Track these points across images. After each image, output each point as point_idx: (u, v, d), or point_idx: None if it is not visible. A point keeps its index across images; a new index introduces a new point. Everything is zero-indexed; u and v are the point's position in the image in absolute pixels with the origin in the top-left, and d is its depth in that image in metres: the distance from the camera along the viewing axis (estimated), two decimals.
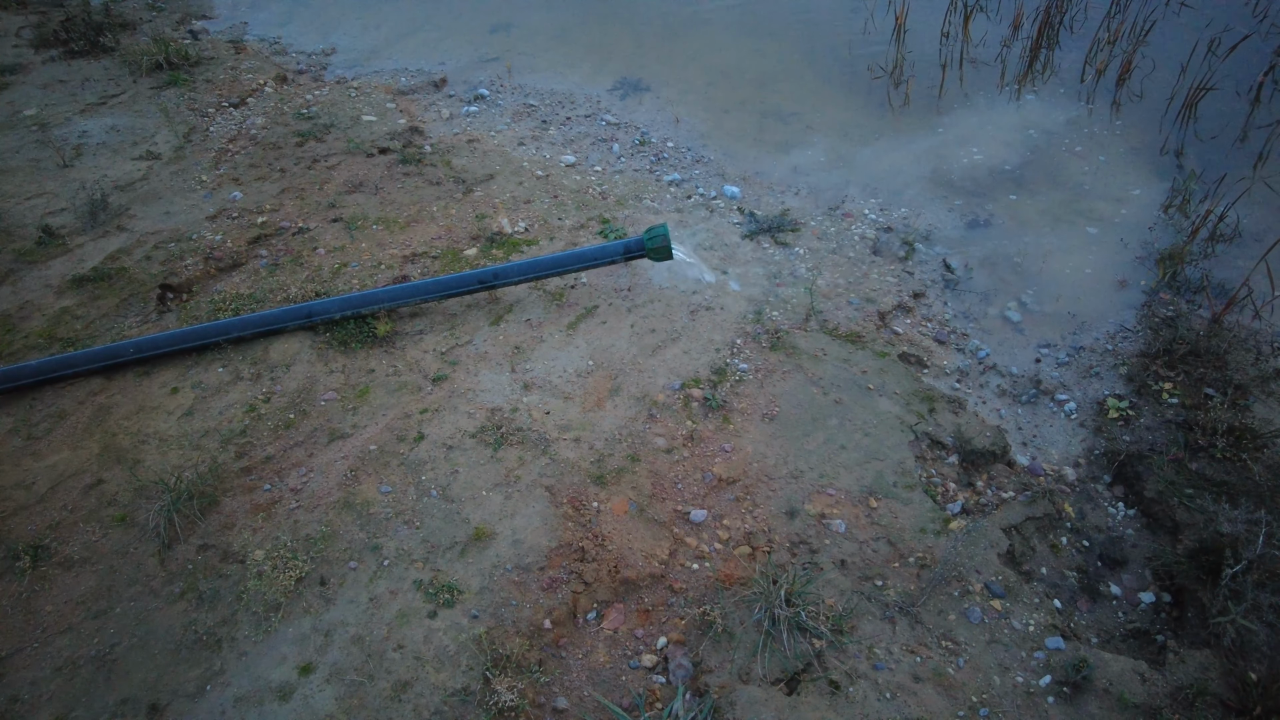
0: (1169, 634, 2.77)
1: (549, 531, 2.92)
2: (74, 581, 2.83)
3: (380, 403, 3.44)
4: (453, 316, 3.86)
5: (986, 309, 4.04)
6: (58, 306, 3.93)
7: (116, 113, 5.43)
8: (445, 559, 2.84)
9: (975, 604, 2.76)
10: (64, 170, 4.86)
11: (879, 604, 2.76)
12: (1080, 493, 3.25)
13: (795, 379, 3.52)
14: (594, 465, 3.15)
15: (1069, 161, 4.81)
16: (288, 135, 5.22)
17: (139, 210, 4.55)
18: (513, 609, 2.71)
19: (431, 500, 3.03)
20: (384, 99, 5.64)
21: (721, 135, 5.26)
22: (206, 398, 3.48)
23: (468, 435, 3.27)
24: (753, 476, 3.14)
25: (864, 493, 3.08)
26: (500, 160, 5.01)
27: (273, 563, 2.84)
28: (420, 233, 4.37)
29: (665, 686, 2.57)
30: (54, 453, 3.27)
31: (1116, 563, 3.03)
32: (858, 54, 5.85)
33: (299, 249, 4.27)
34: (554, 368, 3.58)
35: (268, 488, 3.11)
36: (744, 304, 3.90)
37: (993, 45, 5.78)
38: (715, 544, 2.93)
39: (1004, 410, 3.59)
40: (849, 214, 4.56)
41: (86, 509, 3.06)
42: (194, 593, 2.78)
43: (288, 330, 3.71)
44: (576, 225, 4.43)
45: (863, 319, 3.87)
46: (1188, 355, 3.61)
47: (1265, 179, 4.41)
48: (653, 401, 3.41)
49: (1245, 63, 5.11)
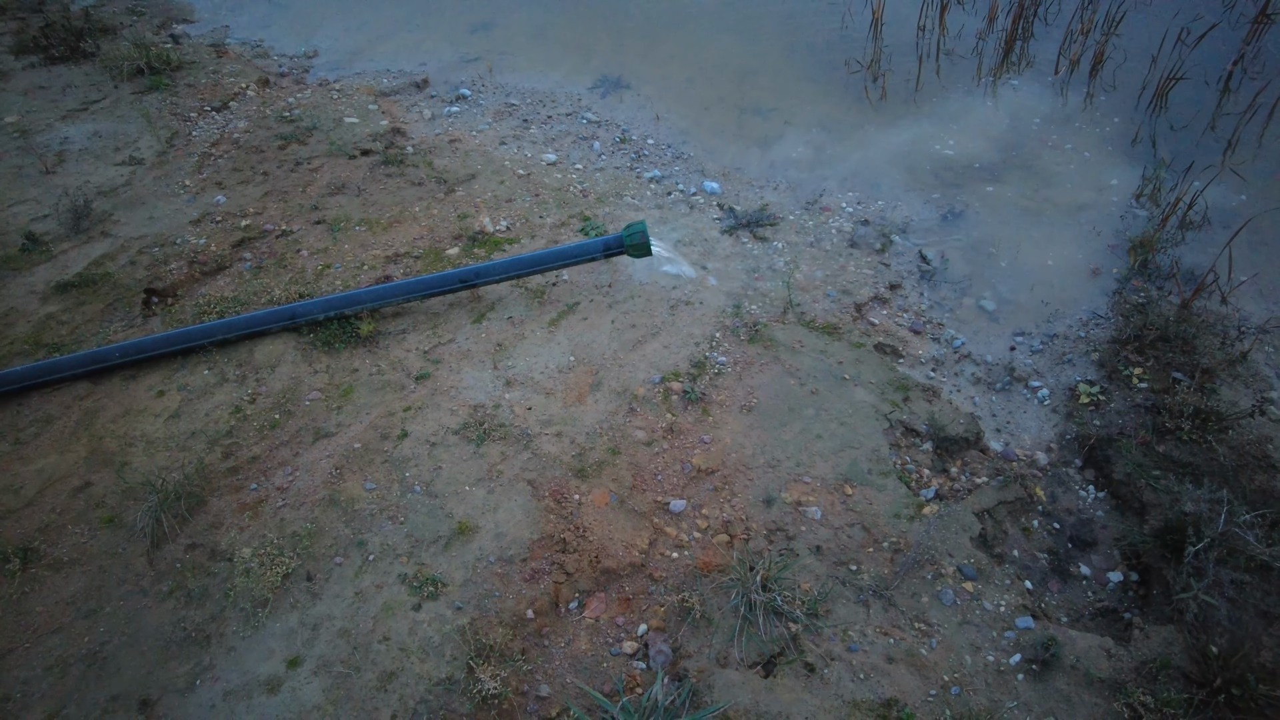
0: (1136, 611, 2.85)
1: (531, 524, 2.97)
2: (64, 582, 2.88)
3: (364, 401, 3.49)
4: (435, 315, 3.91)
5: (962, 299, 4.11)
6: (43, 313, 3.96)
7: (98, 118, 5.45)
8: (429, 553, 2.90)
9: (948, 586, 2.83)
10: (46, 177, 4.88)
11: (853, 588, 2.83)
12: (1052, 477, 3.33)
13: (773, 370, 3.58)
14: (575, 459, 3.21)
15: (1043, 152, 4.88)
16: (270, 138, 5.24)
17: (123, 215, 4.58)
18: (496, 600, 2.77)
19: (415, 496, 3.09)
20: (366, 100, 5.67)
21: (701, 132, 5.32)
22: (193, 400, 3.53)
23: (451, 432, 3.32)
24: (731, 466, 3.20)
25: (839, 480, 3.15)
26: (482, 160, 5.05)
27: (260, 560, 2.89)
28: (403, 233, 4.41)
29: (645, 672, 2.64)
30: (42, 457, 3.31)
31: (1086, 544, 3.11)
32: (836, 49, 5.91)
33: (283, 251, 4.30)
34: (536, 364, 3.63)
35: (254, 487, 3.16)
36: (723, 298, 3.96)
37: (969, 38, 5.85)
38: (694, 533, 3.00)
39: (978, 398, 3.66)
40: (827, 208, 4.63)
41: (75, 511, 3.10)
42: (182, 591, 2.83)
43: (272, 332, 3.75)
44: (558, 223, 4.48)
45: (840, 311, 3.94)
46: (1157, 340, 3.69)
47: (1233, 166, 4.49)
48: (633, 395, 3.47)
49: (1214, 52, 5.20)
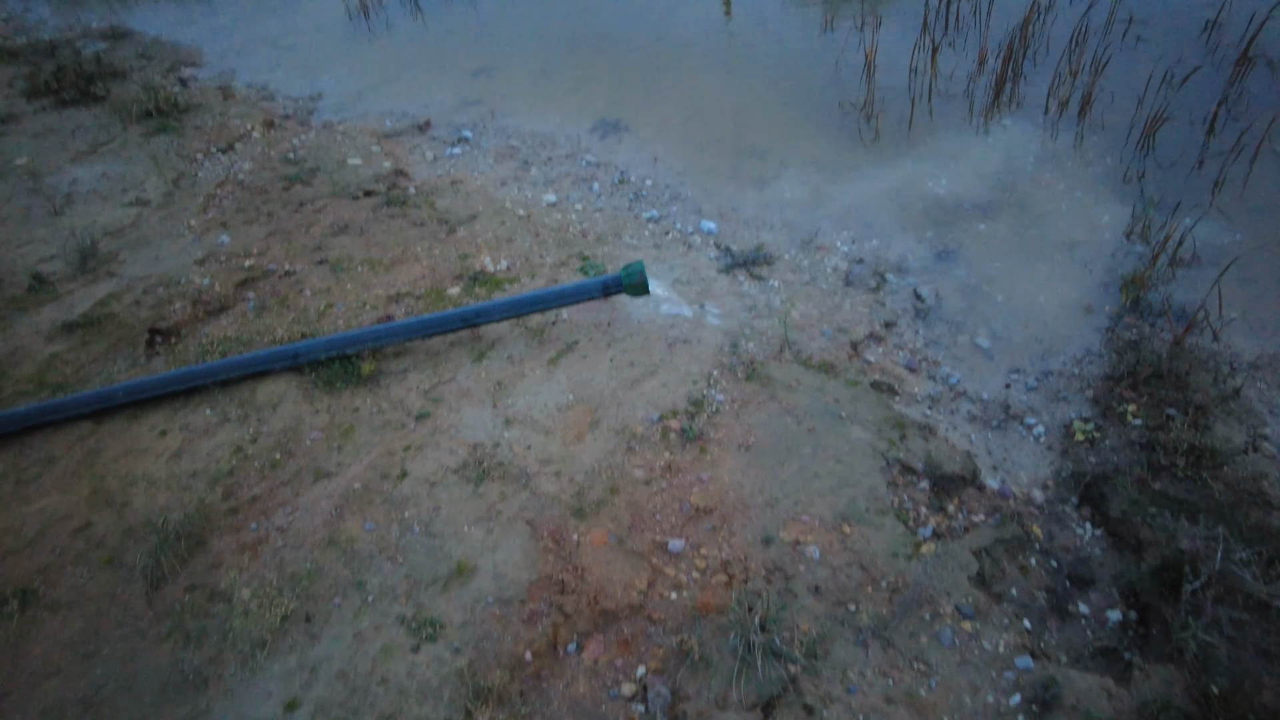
0: (1135, 651, 2.84)
1: (530, 565, 2.98)
2: (62, 624, 2.88)
3: (364, 441, 3.51)
4: (436, 354, 3.95)
5: (957, 336, 4.16)
6: (48, 352, 4.00)
7: (107, 160, 5.56)
8: (428, 594, 2.90)
9: (946, 626, 2.83)
10: (55, 218, 4.96)
11: (852, 628, 2.83)
12: (1048, 514, 3.34)
13: (770, 409, 3.61)
14: (574, 498, 3.23)
15: (1035, 191, 4.96)
16: (275, 179, 5.34)
17: (128, 256, 4.65)
18: (494, 642, 2.76)
19: (414, 536, 3.10)
20: (369, 142, 5.78)
21: (698, 172, 5.42)
22: (194, 439, 3.55)
23: (450, 471, 3.35)
24: (729, 505, 3.22)
25: (837, 519, 3.16)
26: (483, 201, 5.14)
27: (259, 601, 2.90)
28: (405, 273, 4.47)
29: (645, 715, 2.63)
30: (43, 497, 3.33)
31: (1084, 582, 3.11)
32: (829, 91, 6.04)
33: (286, 291, 4.36)
34: (535, 403, 3.66)
35: (254, 527, 3.18)
36: (720, 336, 4.01)
37: (960, 79, 5.98)
38: (693, 573, 3.00)
39: (974, 435, 3.68)
40: (822, 247, 4.70)
41: (75, 552, 3.11)
42: (181, 632, 2.83)
43: (274, 371, 3.80)
44: (557, 263, 4.55)
45: (836, 349, 3.98)
46: (1151, 377, 3.72)
47: (1220, 206, 4.57)
48: (632, 434, 3.50)
49: (1199, 93, 5.31)
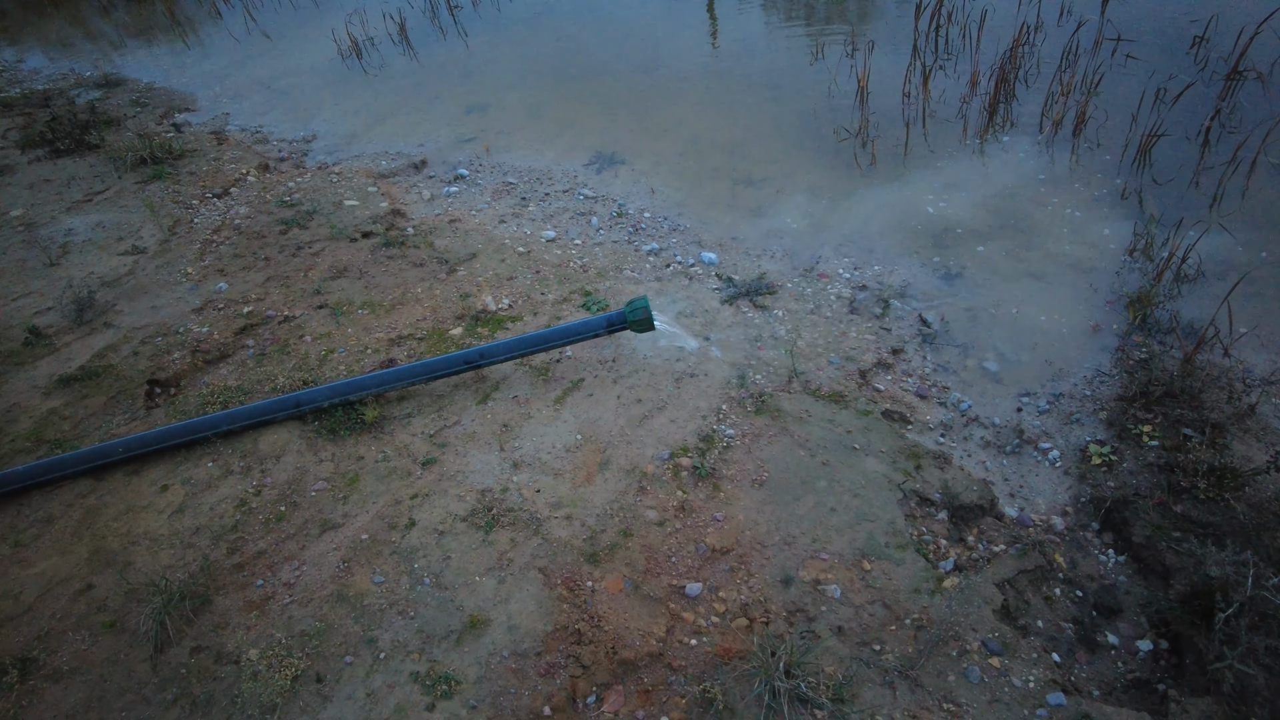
0: (1169, 682, 2.77)
1: (544, 615, 2.91)
2: (63, 694, 2.79)
3: (370, 490, 3.44)
4: (440, 397, 3.90)
5: (965, 361, 4.12)
6: (45, 408, 3.94)
7: (102, 209, 5.53)
8: (441, 649, 2.82)
9: (974, 663, 2.76)
10: (50, 269, 4.92)
11: (878, 669, 2.75)
12: (1070, 541, 3.28)
13: (782, 442, 3.56)
14: (587, 543, 3.16)
15: (1033, 211, 4.96)
16: (271, 223, 5.32)
17: (125, 306, 4.61)
18: (511, 697, 2.68)
19: (425, 589, 3.02)
20: (365, 183, 5.77)
21: (696, 203, 5.41)
22: (197, 494, 3.48)
23: (459, 519, 3.28)
24: (746, 545, 3.15)
25: (857, 555, 3.10)
26: (482, 239, 5.12)
27: (268, 662, 2.81)
28: (405, 315, 4.43)
29: None
30: (42, 559, 3.25)
31: (1111, 611, 3.04)
32: (823, 118, 6.06)
33: (285, 337, 4.31)
34: (543, 444, 3.61)
35: (260, 583, 3.10)
36: (727, 369, 3.97)
37: (953, 103, 6.01)
38: (712, 617, 2.93)
39: (989, 462, 3.63)
40: (824, 274, 4.67)
41: (76, 616, 3.03)
42: (187, 698, 2.74)
43: (277, 421, 3.73)
44: (559, 299, 4.51)
45: (844, 378, 3.94)
46: (1164, 396, 3.68)
47: (1220, 220, 4.56)
48: (642, 473, 3.44)
49: (1192, 109, 5.34)
